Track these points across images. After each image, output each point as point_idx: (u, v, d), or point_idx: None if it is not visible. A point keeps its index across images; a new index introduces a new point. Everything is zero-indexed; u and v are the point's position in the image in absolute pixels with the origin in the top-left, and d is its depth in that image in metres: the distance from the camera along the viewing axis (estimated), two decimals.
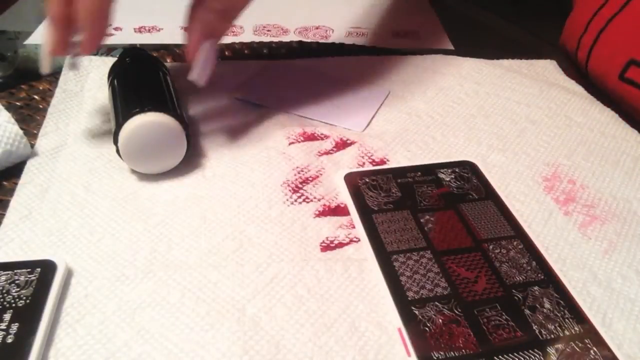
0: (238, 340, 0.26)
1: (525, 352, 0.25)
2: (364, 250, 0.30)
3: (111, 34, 0.55)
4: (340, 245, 0.31)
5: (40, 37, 0.54)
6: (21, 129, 0.36)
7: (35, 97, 0.43)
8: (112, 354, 0.25)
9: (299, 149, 0.38)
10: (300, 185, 0.35)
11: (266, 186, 0.35)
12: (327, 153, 0.38)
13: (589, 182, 0.36)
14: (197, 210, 0.33)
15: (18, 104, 0.42)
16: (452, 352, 0.25)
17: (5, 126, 0.35)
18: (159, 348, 0.25)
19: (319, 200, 0.34)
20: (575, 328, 0.26)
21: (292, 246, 0.31)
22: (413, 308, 0.27)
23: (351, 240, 0.31)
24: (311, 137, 0.39)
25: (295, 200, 0.34)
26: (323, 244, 0.31)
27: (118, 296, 0.28)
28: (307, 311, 0.27)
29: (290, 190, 0.35)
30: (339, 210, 0.33)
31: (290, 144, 0.39)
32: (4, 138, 0.34)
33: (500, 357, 0.25)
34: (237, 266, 0.29)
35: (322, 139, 0.39)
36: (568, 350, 0.25)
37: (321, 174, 0.36)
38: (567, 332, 0.26)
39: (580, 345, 0.25)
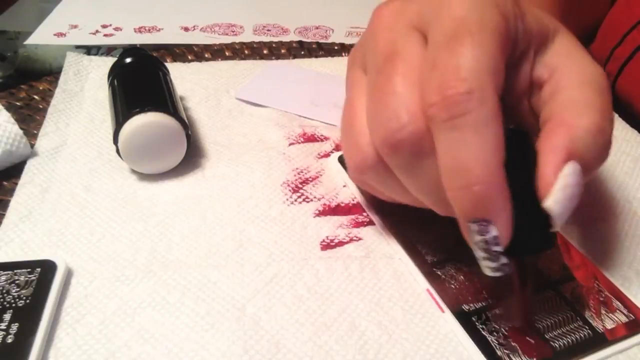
0: (238, 339, 0.26)
1: (542, 293, 0.28)
2: (377, 227, 0.32)
3: (112, 38, 0.55)
4: (341, 244, 0.31)
5: (40, 37, 0.54)
6: (21, 129, 0.36)
7: (35, 97, 0.43)
8: (112, 354, 0.25)
9: (299, 151, 0.38)
10: (300, 185, 0.35)
11: (266, 186, 0.35)
12: (327, 155, 0.38)
13: (589, 182, 0.36)
14: (197, 210, 0.33)
15: (18, 104, 0.42)
16: (480, 303, 0.27)
17: (5, 126, 0.35)
18: (159, 348, 0.25)
19: (319, 199, 0.34)
20: (577, 265, 0.29)
21: (292, 245, 0.31)
22: (435, 269, 0.29)
23: (351, 239, 0.31)
24: (311, 139, 0.39)
25: (295, 200, 0.34)
26: (323, 243, 0.31)
27: (118, 296, 0.28)
28: (307, 310, 0.27)
29: (290, 190, 0.35)
30: (339, 210, 0.33)
31: (290, 144, 0.39)
32: (4, 138, 0.34)
33: None
34: (237, 266, 0.29)
35: (321, 140, 0.39)
36: (576, 287, 0.28)
37: (321, 174, 0.36)
38: (571, 272, 0.29)
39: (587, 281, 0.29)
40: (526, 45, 0.25)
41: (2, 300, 0.26)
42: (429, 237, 0.31)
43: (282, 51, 0.51)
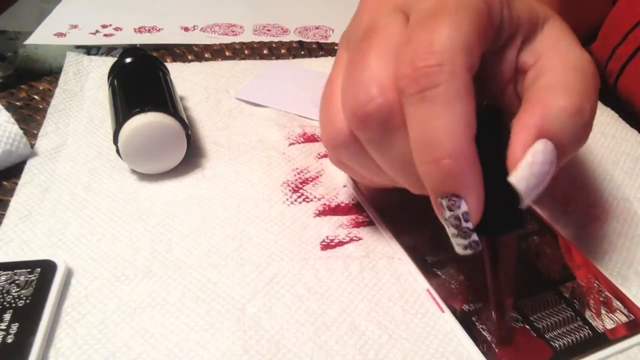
0: (238, 339, 0.26)
1: (542, 293, 0.28)
2: (377, 227, 0.32)
3: (112, 38, 0.54)
4: (341, 243, 0.31)
5: (40, 37, 0.54)
6: (21, 129, 0.36)
7: (35, 97, 0.43)
8: (112, 354, 0.25)
9: (299, 151, 0.38)
10: (300, 185, 0.35)
11: (266, 186, 0.35)
12: (327, 155, 0.38)
13: (589, 182, 0.36)
14: (197, 210, 0.33)
15: (18, 104, 0.42)
16: (479, 303, 0.27)
17: (5, 126, 0.35)
18: (159, 348, 0.25)
19: (319, 199, 0.34)
20: (578, 265, 0.29)
21: (292, 245, 0.31)
22: (435, 269, 0.29)
23: (351, 239, 0.31)
24: (311, 139, 0.39)
25: (296, 200, 0.34)
26: (323, 243, 0.31)
27: (118, 296, 0.28)
28: (307, 310, 0.27)
29: (290, 190, 0.35)
30: (339, 210, 0.33)
31: (290, 144, 0.39)
32: (4, 138, 0.34)
33: (523, 300, 0.27)
34: (237, 266, 0.29)
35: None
36: (576, 287, 0.28)
37: (321, 174, 0.36)
38: (572, 272, 0.29)
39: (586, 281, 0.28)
40: (512, 32, 0.25)
41: (2, 300, 0.26)
42: (428, 237, 0.31)
43: (282, 51, 0.51)
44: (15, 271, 0.27)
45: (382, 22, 0.25)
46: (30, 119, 0.41)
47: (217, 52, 0.51)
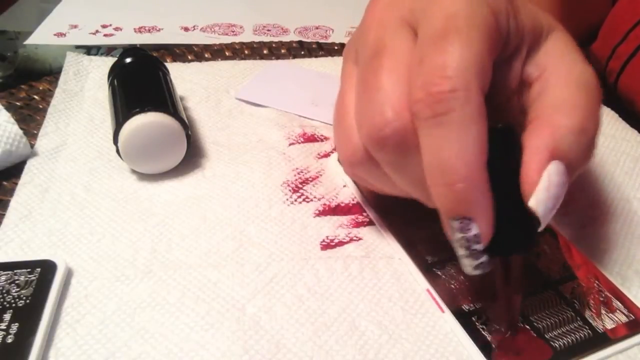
0: (238, 339, 0.26)
1: (542, 293, 0.28)
2: (377, 227, 0.32)
3: (112, 38, 0.54)
4: (341, 243, 0.31)
5: (40, 37, 0.54)
6: (21, 129, 0.36)
7: (35, 97, 0.43)
8: (112, 354, 0.25)
9: (299, 151, 0.38)
10: (300, 185, 0.35)
11: (266, 186, 0.35)
12: (327, 155, 0.38)
13: (589, 183, 0.36)
14: (197, 210, 0.33)
15: (18, 104, 0.42)
16: (479, 303, 0.27)
17: (5, 126, 0.35)
18: (159, 348, 0.25)
19: (319, 199, 0.34)
20: (578, 264, 0.29)
21: (292, 245, 0.31)
22: (435, 269, 0.29)
23: (351, 239, 0.31)
24: (311, 139, 0.39)
25: (296, 200, 0.34)
26: (323, 243, 0.31)
27: (118, 296, 0.28)
28: (307, 310, 0.27)
29: (290, 190, 0.35)
30: (339, 210, 0.33)
31: (290, 144, 0.39)
32: (4, 138, 0.34)
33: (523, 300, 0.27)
34: (237, 266, 0.29)
35: (321, 140, 0.39)
36: (576, 287, 0.28)
37: (321, 174, 0.36)
38: (571, 271, 0.29)
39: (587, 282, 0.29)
40: (518, 43, 0.25)
41: (2, 300, 0.26)
42: (429, 237, 0.31)
43: (282, 51, 0.51)
44: (15, 271, 0.27)
45: (389, 39, 0.25)
46: (30, 119, 0.41)
47: (217, 52, 0.51)
